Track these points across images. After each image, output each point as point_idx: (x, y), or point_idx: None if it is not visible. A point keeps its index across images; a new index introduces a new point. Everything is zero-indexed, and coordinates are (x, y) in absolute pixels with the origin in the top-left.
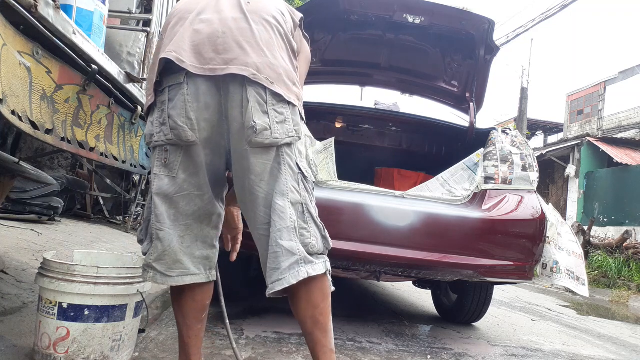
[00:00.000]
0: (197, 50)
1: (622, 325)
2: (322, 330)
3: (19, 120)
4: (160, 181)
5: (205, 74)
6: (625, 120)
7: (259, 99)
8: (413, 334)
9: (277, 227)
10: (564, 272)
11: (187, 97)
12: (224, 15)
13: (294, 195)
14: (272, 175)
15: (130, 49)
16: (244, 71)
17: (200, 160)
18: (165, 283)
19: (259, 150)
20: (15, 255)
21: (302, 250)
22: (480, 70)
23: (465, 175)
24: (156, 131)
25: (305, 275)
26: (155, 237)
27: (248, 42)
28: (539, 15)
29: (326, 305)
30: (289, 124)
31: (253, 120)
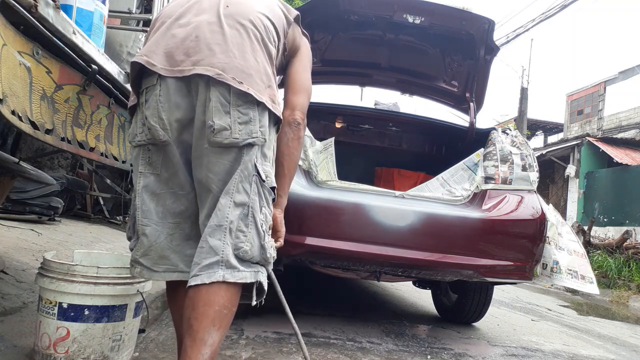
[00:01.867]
0: (170, 54)
1: (622, 325)
2: (192, 337)
3: (19, 120)
4: (147, 178)
5: (175, 75)
6: (625, 120)
7: (222, 99)
8: (413, 334)
9: (211, 223)
10: (565, 272)
11: (159, 98)
12: (201, 19)
13: (241, 196)
14: (227, 175)
15: (130, 49)
16: (208, 71)
17: (176, 160)
18: (151, 278)
19: (219, 150)
20: (15, 255)
21: (227, 252)
22: (480, 70)
23: (465, 175)
24: (139, 131)
25: (220, 279)
26: (141, 232)
27: (217, 44)
28: (539, 15)
29: (208, 315)
30: (253, 125)
31: (212, 120)
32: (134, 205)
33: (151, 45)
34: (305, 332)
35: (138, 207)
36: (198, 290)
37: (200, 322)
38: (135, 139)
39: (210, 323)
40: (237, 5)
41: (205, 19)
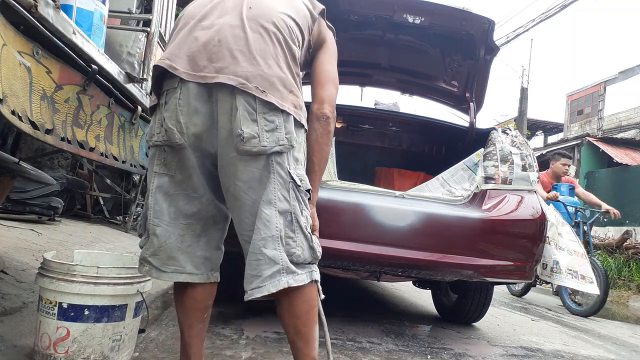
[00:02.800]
0: (192, 58)
1: (622, 325)
2: (304, 339)
3: (19, 120)
4: (161, 179)
5: (197, 80)
6: (625, 120)
7: (248, 107)
8: (413, 334)
9: (262, 235)
10: (565, 272)
11: (178, 102)
12: (224, 21)
13: (282, 204)
14: (260, 183)
15: (130, 49)
16: (232, 80)
17: (190, 164)
18: (159, 278)
19: (247, 158)
20: (15, 255)
21: (285, 259)
22: (480, 70)
23: (465, 175)
24: (156, 131)
25: (286, 285)
26: (152, 232)
27: (240, 51)
28: (539, 15)
29: (310, 316)
30: (279, 132)
31: (240, 129)
32: (146, 203)
33: (174, 48)
34: None
35: (150, 207)
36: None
37: (307, 325)
38: (152, 138)
39: (312, 322)
40: (260, 7)
41: (227, 22)
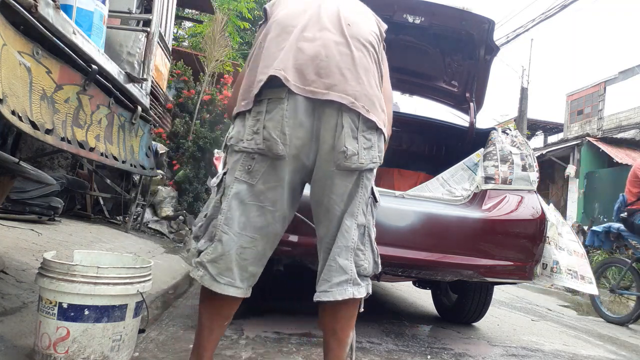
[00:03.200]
0: (300, 70)
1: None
2: (338, 341)
3: (19, 120)
4: (240, 185)
5: (306, 95)
6: (625, 120)
7: (352, 125)
8: (413, 334)
9: (339, 244)
10: (565, 272)
11: (285, 113)
12: (327, 36)
13: (361, 217)
14: (349, 197)
15: (130, 49)
16: (343, 99)
17: (283, 175)
18: (210, 287)
19: (345, 173)
20: (15, 255)
21: (354, 270)
22: (480, 70)
23: (465, 175)
24: (247, 137)
25: (351, 296)
26: (218, 238)
27: (348, 69)
28: (539, 15)
29: (350, 323)
30: (374, 150)
31: (345, 146)
32: (216, 207)
33: (284, 58)
34: (305, 332)
35: (223, 212)
36: (337, 305)
37: (344, 331)
38: (240, 143)
39: (350, 329)
40: (357, 24)
41: (332, 39)
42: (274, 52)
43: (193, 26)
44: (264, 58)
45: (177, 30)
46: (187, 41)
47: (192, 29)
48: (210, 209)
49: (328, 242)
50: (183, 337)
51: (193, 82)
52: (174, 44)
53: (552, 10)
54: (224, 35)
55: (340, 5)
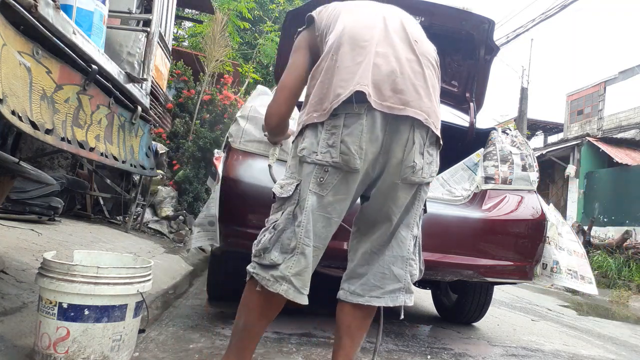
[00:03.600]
0: (378, 86)
1: (622, 325)
2: (351, 338)
3: (19, 120)
4: (312, 197)
5: (384, 110)
6: (625, 120)
7: (422, 141)
8: (413, 334)
9: (394, 253)
10: (565, 272)
11: (364, 128)
12: (399, 53)
13: (416, 229)
14: (407, 209)
15: (130, 49)
16: (419, 115)
17: (354, 187)
18: (295, 299)
19: (407, 186)
20: (15, 255)
21: (408, 280)
22: (480, 70)
23: (465, 175)
24: (321, 150)
25: (403, 303)
26: (300, 251)
27: (421, 87)
28: (539, 15)
29: (367, 323)
30: (434, 166)
31: (414, 160)
32: (288, 219)
33: (364, 74)
34: (305, 332)
35: (303, 225)
36: (367, 307)
37: (360, 330)
38: (313, 156)
39: (365, 330)
40: (423, 42)
41: (404, 56)
42: (350, 67)
43: (193, 26)
44: (339, 72)
45: (177, 30)
46: (187, 41)
47: (192, 29)
48: (281, 221)
49: (377, 247)
50: (183, 337)
51: (193, 82)
52: (174, 44)
53: (552, 10)
54: (224, 35)
55: (402, 20)
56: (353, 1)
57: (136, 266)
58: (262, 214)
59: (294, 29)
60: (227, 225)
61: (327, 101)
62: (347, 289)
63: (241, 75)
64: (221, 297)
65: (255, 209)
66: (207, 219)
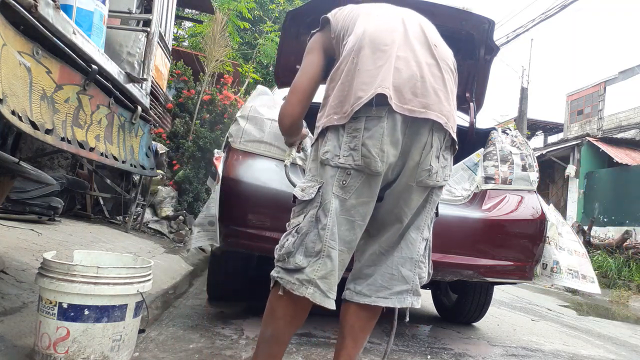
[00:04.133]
0: (398, 90)
1: (622, 325)
2: (354, 340)
3: (19, 120)
4: (336, 200)
5: (404, 113)
6: (625, 120)
7: (438, 144)
8: (413, 334)
9: (403, 254)
10: (565, 272)
11: (384, 131)
12: (418, 57)
13: (426, 232)
14: (418, 211)
15: (130, 49)
16: (440, 118)
17: (376, 191)
18: (322, 303)
19: (421, 189)
20: (15, 255)
21: (416, 282)
22: (480, 70)
23: (465, 175)
24: (344, 154)
25: (410, 305)
26: (326, 254)
27: (441, 91)
28: (539, 15)
29: (370, 324)
30: (448, 169)
31: (430, 164)
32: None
33: (385, 77)
34: (305, 332)
35: (328, 228)
36: (372, 308)
37: (364, 331)
38: (335, 159)
39: (368, 332)
40: (442, 47)
41: (424, 60)
42: (371, 70)
43: (193, 26)
44: (360, 75)
45: (177, 30)
46: (187, 41)
47: (192, 29)
48: (304, 224)
49: (386, 248)
50: (183, 337)
51: (193, 82)
52: (174, 44)
53: (552, 10)
54: (224, 35)
55: (421, 24)
56: (369, 4)
57: (136, 266)
58: (262, 214)
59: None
60: (227, 225)
61: (347, 104)
62: (353, 289)
63: (241, 75)
64: (221, 297)
65: (255, 209)
66: (207, 219)
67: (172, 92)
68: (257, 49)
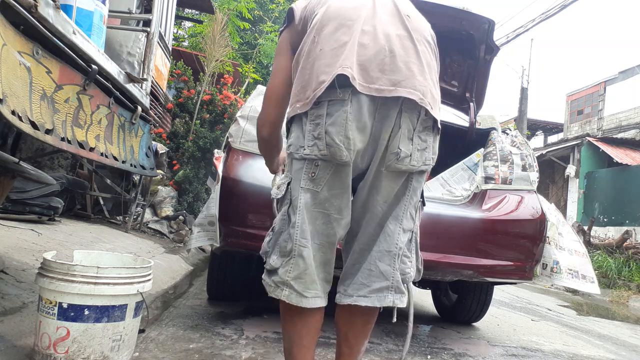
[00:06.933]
0: (364, 68)
1: (622, 325)
2: (349, 347)
3: (19, 120)
4: (306, 194)
5: (371, 93)
6: (625, 120)
7: (410, 125)
8: (413, 334)
9: (380, 248)
10: (565, 272)
11: (348, 116)
12: (387, 29)
13: (408, 222)
14: (395, 199)
15: (130, 49)
16: (412, 94)
17: (348, 181)
18: (299, 304)
19: (393, 174)
20: (15, 255)
21: (397, 278)
22: (480, 70)
23: (465, 175)
24: (308, 144)
25: (391, 304)
26: (297, 253)
27: (415, 64)
28: (539, 15)
29: (364, 331)
30: (427, 152)
31: (399, 147)
32: (283, 220)
33: (348, 55)
34: None
35: (297, 226)
36: (360, 310)
37: (358, 338)
38: (300, 151)
39: (364, 337)
40: (417, 18)
41: (394, 32)
42: (335, 49)
43: (193, 26)
44: (322, 56)
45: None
46: (187, 41)
47: (192, 29)
48: (277, 223)
49: (365, 243)
50: (183, 337)
51: (193, 82)
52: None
53: (552, 10)
54: (224, 35)
55: None
56: None
57: (136, 266)
58: (262, 214)
59: None
60: (227, 225)
61: (309, 89)
62: (341, 291)
63: (241, 75)
64: (221, 297)
65: (255, 208)
66: (207, 219)
67: (172, 92)
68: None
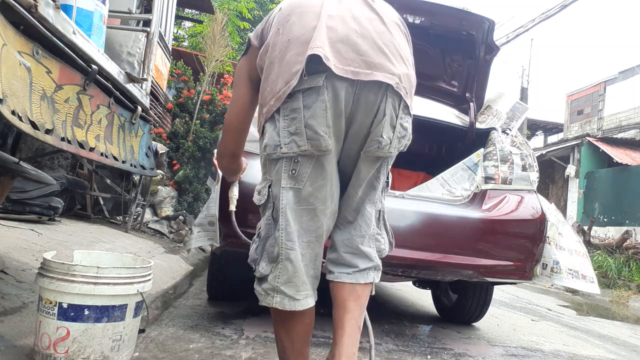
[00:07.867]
0: (336, 49)
1: (622, 325)
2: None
3: (19, 120)
4: (288, 193)
5: (347, 75)
6: (625, 120)
7: (393, 112)
8: (413, 334)
9: (362, 232)
10: (565, 272)
11: (327, 105)
12: (355, 13)
13: (379, 204)
14: (369, 183)
15: (130, 49)
16: (389, 79)
17: (330, 170)
18: (292, 308)
19: (372, 159)
20: (15, 255)
21: (376, 257)
22: (480, 70)
23: (465, 175)
24: (284, 142)
25: (372, 280)
26: (285, 257)
27: (388, 47)
28: (539, 15)
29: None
30: (406, 139)
31: (382, 135)
32: (269, 224)
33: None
34: None
35: (282, 229)
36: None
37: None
38: (278, 150)
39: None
40: (383, 4)
41: (364, 15)
42: (303, 35)
43: (193, 26)
44: (291, 46)
45: (177, 30)
46: (187, 41)
47: (192, 29)
48: (263, 228)
49: (343, 223)
50: (183, 337)
51: (193, 82)
52: (174, 44)
53: (552, 10)
54: (224, 35)
55: None
56: None
57: (136, 266)
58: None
59: None
60: (227, 225)
61: (281, 80)
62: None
63: None
64: (221, 297)
65: (255, 208)
66: (207, 219)
67: (172, 92)
68: None
